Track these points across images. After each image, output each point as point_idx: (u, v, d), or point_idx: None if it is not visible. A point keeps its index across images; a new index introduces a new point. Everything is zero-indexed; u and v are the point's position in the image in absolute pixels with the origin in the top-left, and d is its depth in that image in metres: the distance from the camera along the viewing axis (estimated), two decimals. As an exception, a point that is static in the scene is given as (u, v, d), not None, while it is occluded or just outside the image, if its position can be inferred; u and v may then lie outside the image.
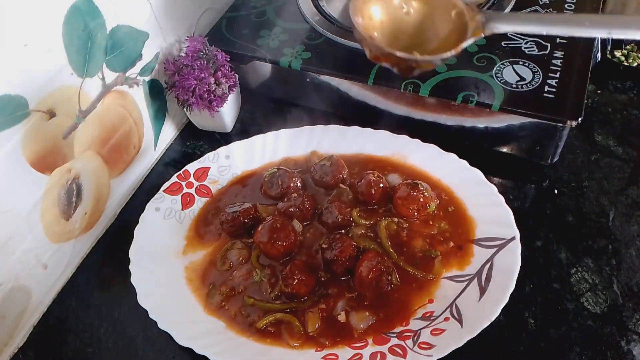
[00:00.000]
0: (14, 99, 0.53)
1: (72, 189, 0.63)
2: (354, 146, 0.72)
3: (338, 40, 0.75)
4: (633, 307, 0.56)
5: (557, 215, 0.65)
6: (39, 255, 0.61)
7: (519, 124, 0.67)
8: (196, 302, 0.60)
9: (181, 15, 0.76)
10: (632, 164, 0.69)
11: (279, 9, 0.83)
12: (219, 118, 0.76)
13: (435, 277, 0.59)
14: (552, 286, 0.59)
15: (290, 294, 0.58)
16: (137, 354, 0.59)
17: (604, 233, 0.63)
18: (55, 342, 0.61)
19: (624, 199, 0.66)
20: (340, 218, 0.63)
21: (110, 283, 0.65)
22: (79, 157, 0.63)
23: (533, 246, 0.62)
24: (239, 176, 0.72)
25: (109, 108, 0.66)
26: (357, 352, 0.54)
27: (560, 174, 0.69)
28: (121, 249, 0.63)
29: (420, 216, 0.64)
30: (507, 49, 0.70)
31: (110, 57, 0.63)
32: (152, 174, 0.77)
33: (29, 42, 0.53)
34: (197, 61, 0.71)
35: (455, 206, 0.65)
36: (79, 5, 0.57)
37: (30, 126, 0.55)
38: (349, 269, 0.59)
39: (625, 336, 0.54)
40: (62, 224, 0.63)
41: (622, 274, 0.59)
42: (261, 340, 0.56)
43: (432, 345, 0.52)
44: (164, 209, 0.68)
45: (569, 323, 0.56)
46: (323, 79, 0.76)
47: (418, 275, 0.59)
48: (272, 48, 0.77)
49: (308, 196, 0.66)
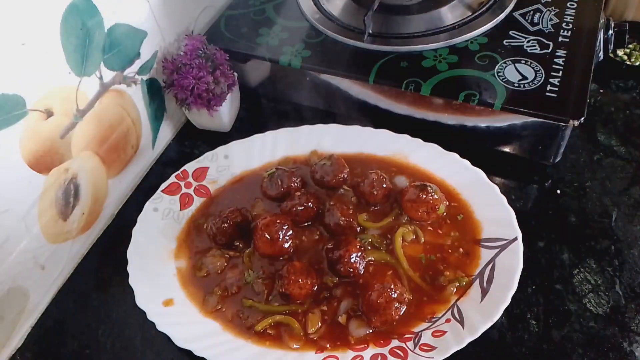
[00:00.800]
0: (11, 98, 0.52)
1: (70, 189, 0.62)
2: (354, 146, 0.72)
3: (338, 39, 0.75)
4: (636, 308, 0.56)
5: (559, 216, 0.65)
6: (37, 256, 0.60)
7: (521, 123, 0.66)
8: (193, 305, 0.59)
9: (180, 14, 0.76)
10: (635, 164, 0.69)
11: (278, 7, 0.82)
12: (217, 117, 0.75)
13: (445, 301, 0.57)
14: (555, 287, 0.59)
15: (284, 294, 0.57)
16: (136, 355, 0.58)
17: (606, 233, 0.63)
18: (53, 343, 0.61)
19: (626, 199, 0.66)
20: (343, 220, 0.62)
21: (108, 284, 0.65)
22: (77, 156, 0.62)
23: (535, 247, 0.62)
24: (237, 176, 0.72)
25: (107, 107, 0.65)
26: (357, 354, 0.53)
27: (562, 174, 0.69)
28: (119, 249, 0.63)
29: (430, 218, 0.63)
30: (509, 48, 0.69)
31: (108, 55, 0.63)
32: (150, 173, 0.76)
33: (26, 41, 0.52)
34: (196, 60, 0.70)
35: (464, 211, 0.64)
36: (77, 3, 0.57)
37: (27, 126, 0.54)
38: (352, 270, 0.58)
39: (628, 337, 0.54)
40: (59, 225, 0.62)
41: (625, 275, 0.59)
42: (260, 342, 0.55)
43: (433, 347, 0.52)
44: (162, 209, 0.67)
45: (572, 324, 0.56)
46: (323, 78, 0.75)
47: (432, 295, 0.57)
48: (271, 46, 0.76)
49: (312, 194, 0.66)
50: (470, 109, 0.67)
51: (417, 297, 0.57)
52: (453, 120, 0.71)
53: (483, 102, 0.65)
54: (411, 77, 0.68)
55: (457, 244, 0.61)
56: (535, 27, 0.72)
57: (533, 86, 0.65)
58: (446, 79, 0.67)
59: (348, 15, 0.78)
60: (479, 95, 0.65)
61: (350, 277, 0.59)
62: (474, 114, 0.68)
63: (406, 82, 0.67)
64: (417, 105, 0.72)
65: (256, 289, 0.60)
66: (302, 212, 0.64)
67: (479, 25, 0.72)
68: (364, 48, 0.73)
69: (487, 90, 0.65)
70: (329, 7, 0.80)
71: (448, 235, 0.62)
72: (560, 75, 0.65)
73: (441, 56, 0.70)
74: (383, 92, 0.73)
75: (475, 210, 0.63)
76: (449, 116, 0.70)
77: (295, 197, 0.65)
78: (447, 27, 0.73)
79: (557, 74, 0.66)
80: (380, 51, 0.72)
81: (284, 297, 0.58)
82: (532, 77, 0.66)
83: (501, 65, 0.68)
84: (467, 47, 0.71)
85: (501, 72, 0.67)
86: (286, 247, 0.61)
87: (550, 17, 0.73)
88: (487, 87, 0.65)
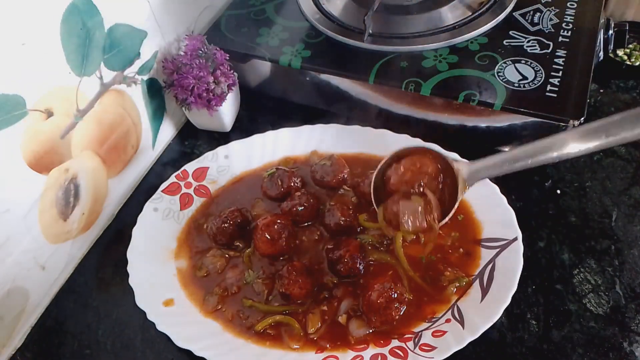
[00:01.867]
0: (12, 98, 0.52)
1: (70, 189, 0.62)
2: (354, 146, 0.72)
3: (338, 39, 0.75)
4: (636, 308, 0.56)
5: (559, 216, 0.65)
6: (37, 256, 0.60)
7: (521, 123, 0.66)
8: (193, 305, 0.59)
9: (180, 14, 0.76)
10: (635, 164, 0.69)
11: (278, 7, 0.82)
12: (217, 117, 0.75)
13: (445, 301, 0.57)
14: (555, 287, 0.59)
15: (284, 294, 0.57)
16: (136, 355, 0.58)
17: (606, 234, 0.62)
18: (53, 343, 0.61)
19: (626, 199, 0.65)
20: (343, 220, 0.62)
21: (108, 284, 0.65)
22: (77, 157, 0.62)
23: (535, 247, 0.62)
24: (238, 176, 0.72)
25: (107, 107, 0.65)
26: (357, 354, 0.53)
27: (562, 174, 0.69)
28: (119, 249, 0.63)
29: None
30: (509, 48, 0.69)
31: (108, 55, 0.63)
32: (150, 173, 0.76)
33: (26, 41, 0.52)
34: (196, 60, 0.70)
35: (464, 212, 0.64)
36: (77, 3, 0.57)
37: (27, 126, 0.55)
38: (353, 270, 0.58)
39: (628, 337, 0.54)
40: (59, 225, 0.62)
41: (625, 275, 0.59)
42: (260, 342, 0.55)
43: (434, 347, 0.52)
44: (162, 209, 0.67)
45: (572, 324, 0.56)
46: (323, 78, 0.75)
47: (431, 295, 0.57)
48: (271, 46, 0.76)
49: (312, 194, 0.66)
50: (470, 109, 0.67)
51: (418, 297, 0.57)
52: (453, 120, 0.71)
53: (483, 102, 0.65)
54: (411, 77, 0.68)
55: (458, 244, 0.61)
56: (535, 27, 0.72)
57: (533, 86, 0.65)
58: (446, 79, 0.67)
59: (348, 15, 0.78)
60: (479, 96, 0.65)
61: (351, 277, 0.59)
62: (474, 114, 0.68)
63: (406, 82, 0.67)
64: (417, 105, 0.72)
65: (256, 288, 0.60)
66: (302, 212, 0.64)
67: (479, 25, 0.72)
68: (364, 48, 0.73)
69: (487, 90, 0.65)
70: (329, 7, 0.80)
71: (448, 236, 0.62)
72: (560, 75, 0.65)
73: (441, 56, 0.70)
74: (383, 92, 0.73)
75: (476, 211, 0.63)
76: (449, 116, 0.70)
77: (295, 197, 0.65)
78: (447, 27, 0.73)
79: (557, 74, 0.66)
80: (381, 51, 0.72)
81: (285, 297, 0.58)
82: (532, 77, 0.66)
83: (501, 65, 0.68)
84: (467, 47, 0.71)
85: (501, 72, 0.67)
86: (286, 246, 0.61)
87: (551, 17, 0.73)
88: (487, 87, 0.65)
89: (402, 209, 0.56)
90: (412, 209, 0.56)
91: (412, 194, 0.57)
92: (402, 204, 0.56)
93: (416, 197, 0.57)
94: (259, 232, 0.61)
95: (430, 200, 0.56)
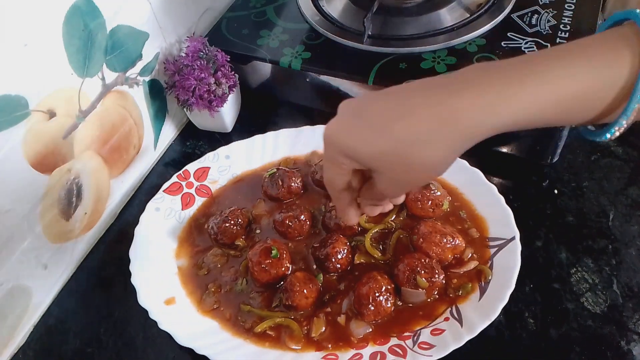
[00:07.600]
0: (14, 99, 0.53)
1: (72, 189, 0.63)
2: (354, 146, 0.72)
3: (338, 40, 0.75)
4: (633, 307, 0.56)
5: (557, 215, 0.65)
6: (39, 255, 0.61)
7: (519, 124, 0.66)
8: (191, 303, 0.60)
9: (181, 15, 0.76)
10: (632, 164, 0.69)
11: (278, 9, 0.83)
12: (219, 118, 0.76)
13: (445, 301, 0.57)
14: (552, 286, 0.59)
15: (291, 306, 0.57)
16: (137, 353, 0.59)
17: (604, 233, 0.63)
18: (56, 342, 0.61)
19: (624, 199, 0.66)
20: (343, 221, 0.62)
21: (110, 283, 0.65)
22: (79, 157, 0.63)
23: (533, 246, 0.62)
24: (239, 176, 0.72)
25: (109, 108, 0.66)
26: (357, 352, 0.54)
27: (560, 174, 0.69)
28: (121, 249, 0.63)
29: (435, 214, 0.64)
30: (507, 49, 0.70)
31: (110, 57, 0.64)
32: (152, 174, 0.77)
33: (29, 42, 0.53)
34: (197, 61, 0.71)
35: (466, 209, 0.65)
36: (79, 5, 0.57)
37: (30, 126, 0.55)
38: (341, 267, 0.59)
39: (625, 336, 0.54)
40: (62, 224, 0.63)
41: (622, 274, 0.59)
42: (259, 343, 0.56)
43: (432, 345, 0.52)
44: (164, 209, 0.68)
45: (569, 323, 0.56)
46: (323, 79, 0.76)
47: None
48: (272, 48, 0.77)
49: (307, 210, 0.65)
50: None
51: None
52: (452, 120, 0.71)
53: (481, 102, 0.65)
54: (410, 79, 0.68)
55: (476, 256, 0.61)
56: (533, 29, 0.73)
57: (531, 87, 0.65)
58: (445, 80, 0.68)
59: (348, 17, 0.78)
60: (478, 96, 0.65)
61: (339, 273, 0.60)
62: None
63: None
64: (416, 106, 0.72)
65: (254, 304, 0.59)
66: (296, 224, 0.63)
67: (477, 27, 0.73)
68: (363, 49, 0.73)
69: (485, 91, 0.65)
70: (328, 9, 0.80)
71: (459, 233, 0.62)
72: (557, 76, 0.66)
73: (440, 58, 0.71)
74: (382, 93, 0.74)
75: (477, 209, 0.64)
76: (448, 117, 0.71)
77: (291, 209, 0.65)
78: (445, 29, 0.74)
79: (554, 75, 0.66)
80: (380, 53, 0.72)
81: (290, 308, 0.57)
82: (530, 78, 0.66)
83: (499, 67, 0.68)
84: (466, 48, 0.71)
85: (499, 73, 0.67)
86: (283, 270, 0.60)
87: (548, 19, 0.74)
88: (485, 88, 0.66)
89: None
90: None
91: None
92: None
93: None
94: (253, 264, 0.59)
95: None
